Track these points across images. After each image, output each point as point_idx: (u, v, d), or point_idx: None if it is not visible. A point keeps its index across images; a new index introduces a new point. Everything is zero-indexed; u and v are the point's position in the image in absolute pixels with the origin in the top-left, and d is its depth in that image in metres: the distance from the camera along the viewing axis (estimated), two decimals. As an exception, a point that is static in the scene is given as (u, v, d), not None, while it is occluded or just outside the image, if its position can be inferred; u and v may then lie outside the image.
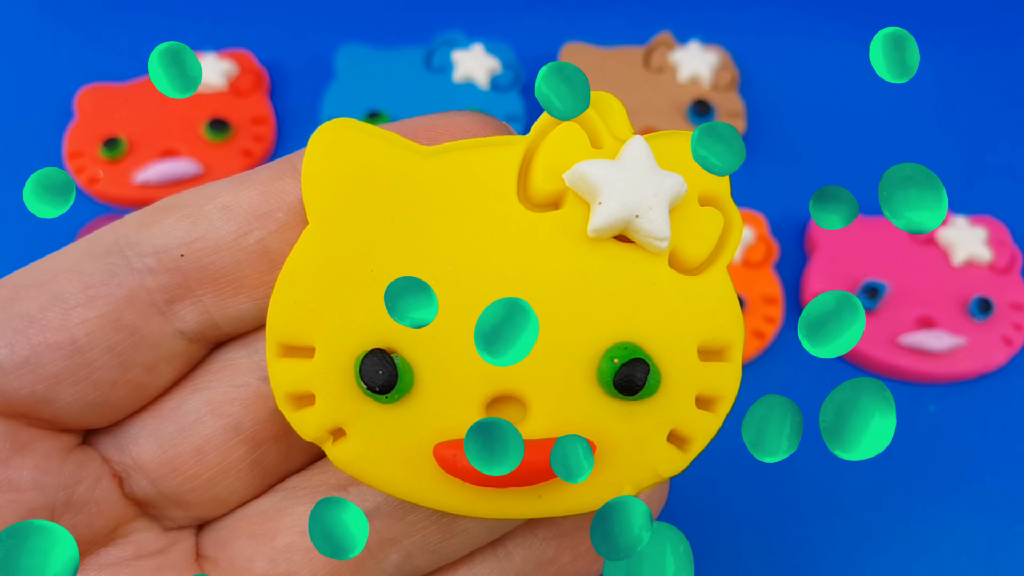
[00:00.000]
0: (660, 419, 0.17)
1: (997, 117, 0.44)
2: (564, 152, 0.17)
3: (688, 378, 0.17)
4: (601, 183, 0.16)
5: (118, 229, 0.18)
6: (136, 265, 0.18)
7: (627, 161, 0.17)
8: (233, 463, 0.18)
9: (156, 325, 0.18)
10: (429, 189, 0.17)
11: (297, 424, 0.17)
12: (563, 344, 0.17)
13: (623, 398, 0.17)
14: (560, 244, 0.17)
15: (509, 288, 0.17)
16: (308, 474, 0.19)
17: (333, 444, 0.17)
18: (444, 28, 0.45)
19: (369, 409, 0.17)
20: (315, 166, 0.17)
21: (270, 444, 0.19)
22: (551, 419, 0.17)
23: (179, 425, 0.18)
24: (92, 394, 0.17)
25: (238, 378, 0.19)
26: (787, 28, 0.46)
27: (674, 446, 0.17)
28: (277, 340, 0.17)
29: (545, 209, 0.17)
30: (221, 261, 0.18)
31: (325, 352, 0.17)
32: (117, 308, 0.17)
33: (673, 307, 0.17)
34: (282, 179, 0.18)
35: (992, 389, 0.36)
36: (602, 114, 0.17)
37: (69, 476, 0.18)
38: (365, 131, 0.17)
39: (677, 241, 0.17)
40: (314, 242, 0.17)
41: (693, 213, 0.17)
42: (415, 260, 0.17)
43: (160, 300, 0.18)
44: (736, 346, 0.17)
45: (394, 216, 0.17)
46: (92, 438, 0.19)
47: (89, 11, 0.47)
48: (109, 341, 0.17)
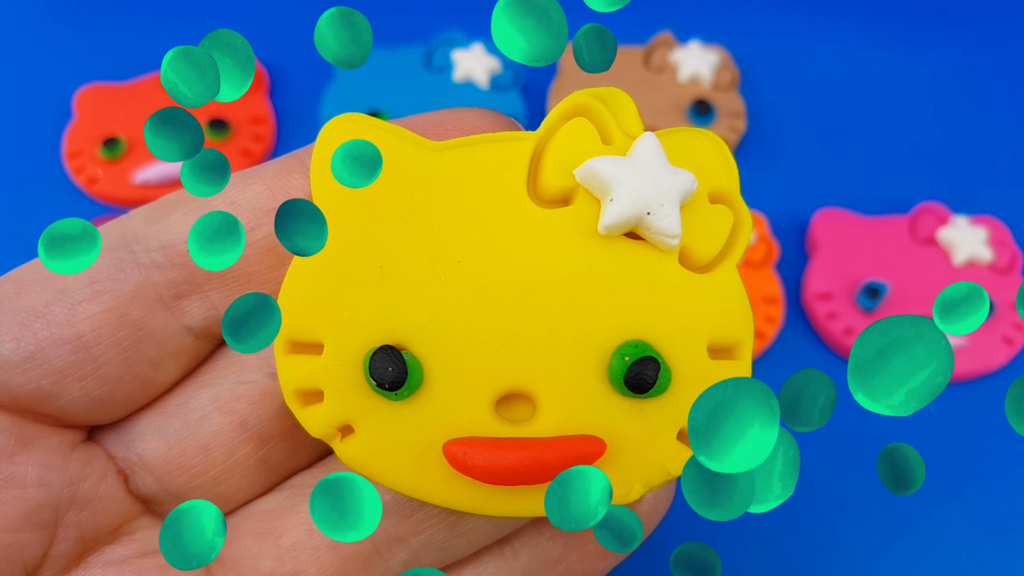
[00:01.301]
0: (670, 417, 0.17)
1: (998, 117, 0.44)
2: (574, 148, 0.17)
3: (698, 376, 0.17)
4: (612, 180, 0.16)
5: (124, 224, 0.18)
6: (143, 260, 0.18)
7: (638, 158, 0.17)
8: (239, 460, 0.18)
9: (162, 320, 0.18)
10: (439, 185, 0.17)
11: (305, 421, 0.17)
12: (573, 341, 0.17)
13: (633, 396, 0.17)
14: (570, 241, 0.17)
15: (518, 285, 0.17)
16: (315, 471, 0.19)
17: (341, 441, 0.17)
18: (444, 27, 0.45)
19: (378, 406, 0.17)
20: (324, 161, 0.17)
21: (276, 441, 0.19)
22: (560, 416, 0.17)
23: (185, 422, 0.18)
24: (98, 389, 0.17)
25: (245, 375, 0.18)
26: (787, 28, 0.46)
27: (684, 445, 0.17)
28: (285, 336, 0.17)
29: (555, 205, 0.17)
30: None
31: (334, 348, 0.17)
32: (123, 303, 0.17)
33: (683, 305, 0.17)
34: (290, 175, 0.18)
35: (992, 389, 0.36)
36: (612, 110, 0.17)
37: (74, 473, 0.18)
38: (374, 126, 0.17)
39: (687, 239, 0.17)
40: None
41: (703, 210, 0.17)
42: (424, 256, 0.17)
43: (166, 295, 0.18)
44: (746, 344, 0.17)
45: (403, 212, 0.17)
46: (97, 434, 0.19)
47: (88, 11, 0.46)
48: (115, 336, 0.17)
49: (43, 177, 0.40)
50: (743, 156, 0.43)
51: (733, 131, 0.42)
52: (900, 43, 0.46)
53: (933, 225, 0.38)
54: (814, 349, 0.37)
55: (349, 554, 0.18)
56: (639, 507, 0.20)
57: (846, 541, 0.33)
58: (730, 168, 0.18)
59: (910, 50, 0.46)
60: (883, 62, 0.45)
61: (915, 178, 0.42)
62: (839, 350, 0.36)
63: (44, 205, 0.40)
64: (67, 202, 0.40)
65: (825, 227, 0.38)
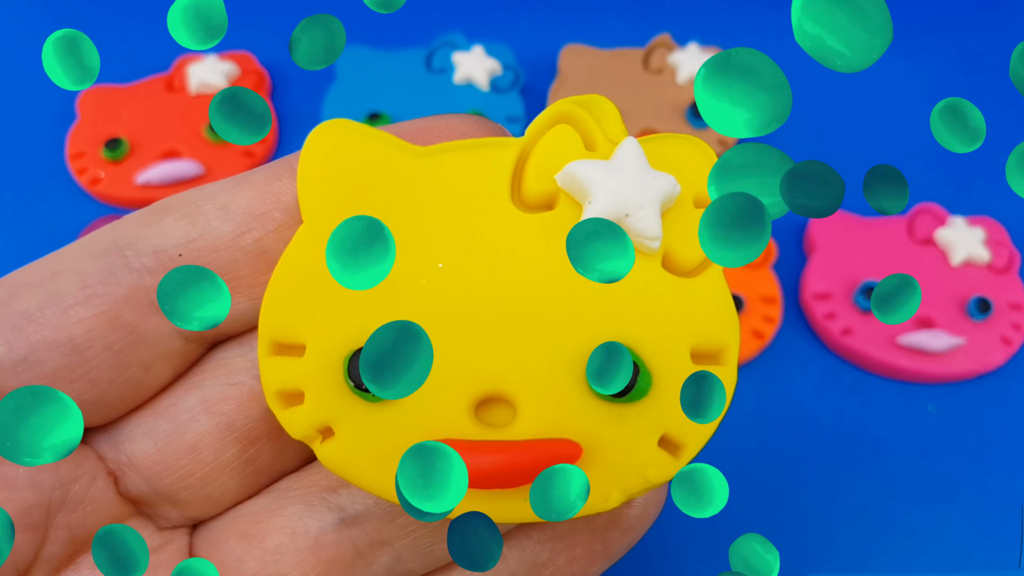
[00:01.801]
0: (651, 423, 0.17)
1: (995, 117, 0.44)
2: (557, 154, 0.17)
3: (681, 381, 0.17)
4: (591, 183, 0.16)
5: (117, 229, 0.18)
6: (135, 264, 0.18)
7: (618, 161, 0.17)
8: (226, 461, 0.19)
9: (154, 324, 0.18)
10: (422, 189, 0.17)
11: (286, 422, 0.17)
12: (552, 344, 0.17)
13: (613, 400, 0.17)
14: (551, 245, 0.17)
15: (499, 288, 0.17)
16: (301, 475, 0.19)
17: (322, 443, 0.17)
18: (444, 30, 0.45)
19: (357, 408, 0.17)
20: (310, 165, 0.17)
21: (263, 443, 0.19)
22: (539, 420, 0.17)
23: (173, 423, 0.18)
24: (89, 392, 0.18)
25: (233, 377, 0.19)
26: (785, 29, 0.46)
27: (666, 451, 0.17)
28: (269, 338, 0.17)
29: (539, 210, 0.17)
30: (219, 260, 0.18)
31: (315, 350, 0.17)
32: (115, 307, 0.17)
33: (666, 309, 0.17)
34: (280, 180, 0.18)
35: (991, 389, 0.36)
36: (596, 116, 0.17)
37: (65, 474, 0.18)
38: (360, 131, 0.17)
39: (671, 243, 0.17)
40: (308, 240, 0.17)
41: (688, 215, 0.17)
42: (406, 259, 0.17)
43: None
44: (731, 349, 0.17)
45: (387, 215, 0.17)
46: (88, 435, 0.19)
47: (90, 12, 0.47)
48: (107, 340, 0.17)
49: (46, 178, 0.41)
50: (742, 157, 0.43)
51: (732, 132, 0.42)
52: (899, 43, 0.46)
53: (931, 225, 0.38)
54: (812, 349, 0.37)
55: (331, 557, 0.18)
56: (628, 510, 0.20)
57: (843, 539, 0.33)
58: None
59: (909, 50, 0.46)
60: (882, 62, 0.45)
61: (913, 179, 0.41)
62: (838, 350, 0.36)
63: (47, 206, 0.40)
64: (70, 203, 0.40)
65: (823, 227, 0.39)
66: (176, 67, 0.43)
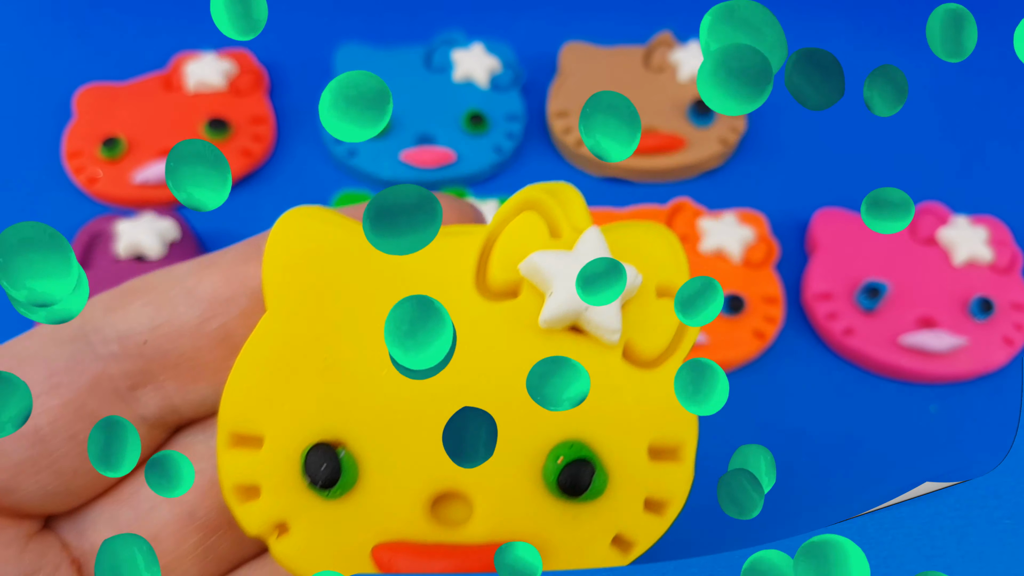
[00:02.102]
0: (605, 522, 0.16)
1: (997, 116, 0.44)
2: (522, 242, 0.17)
3: (637, 480, 0.16)
4: (553, 274, 0.16)
5: (84, 312, 0.18)
6: (100, 351, 0.18)
7: (580, 252, 0.16)
8: (187, 550, 0.18)
9: (118, 412, 0.18)
10: (388, 278, 0.17)
11: (242, 518, 0.17)
12: (510, 440, 0.16)
13: (568, 499, 0.16)
14: (513, 335, 0.17)
15: (459, 380, 0.17)
16: (259, 563, 0.19)
17: (277, 539, 0.17)
18: (444, 27, 0.45)
19: (312, 504, 0.16)
20: (276, 254, 0.17)
21: (224, 531, 0.19)
22: (494, 520, 0.16)
23: (136, 512, 0.18)
24: (54, 483, 0.17)
25: (194, 464, 0.18)
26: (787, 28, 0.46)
27: (617, 549, 0.17)
28: (228, 429, 0.17)
29: (503, 299, 0.17)
30: (183, 347, 0.18)
31: (273, 443, 0.17)
32: (80, 396, 0.17)
33: (624, 402, 0.17)
34: (247, 263, 0.18)
35: (993, 389, 0.36)
36: (562, 203, 0.17)
37: (28, 564, 0.17)
38: (327, 220, 0.17)
39: (632, 334, 0.17)
40: (270, 330, 0.17)
41: (649, 305, 0.17)
42: (368, 350, 0.17)
43: (123, 386, 0.18)
44: (688, 446, 0.17)
45: (351, 304, 0.17)
46: (53, 523, 0.19)
47: (88, 10, 0.47)
48: (72, 429, 0.17)
49: (43, 177, 0.40)
50: (743, 156, 0.43)
51: (733, 131, 0.41)
52: (900, 43, 0.46)
53: (933, 225, 0.38)
54: (814, 349, 0.37)
55: None
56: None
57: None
58: (679, 262, 0.17)
59: (910, 50, 0.46)
60: (883, 62, 0.45)
61: (915, 178, 0.42)
62: (839, 350, 0.36)
63: (44, 205, 0.40)
64: (67, 202, 0.40)
65: (825, 227, 0.38)
66: (173, 65, 0.43)
